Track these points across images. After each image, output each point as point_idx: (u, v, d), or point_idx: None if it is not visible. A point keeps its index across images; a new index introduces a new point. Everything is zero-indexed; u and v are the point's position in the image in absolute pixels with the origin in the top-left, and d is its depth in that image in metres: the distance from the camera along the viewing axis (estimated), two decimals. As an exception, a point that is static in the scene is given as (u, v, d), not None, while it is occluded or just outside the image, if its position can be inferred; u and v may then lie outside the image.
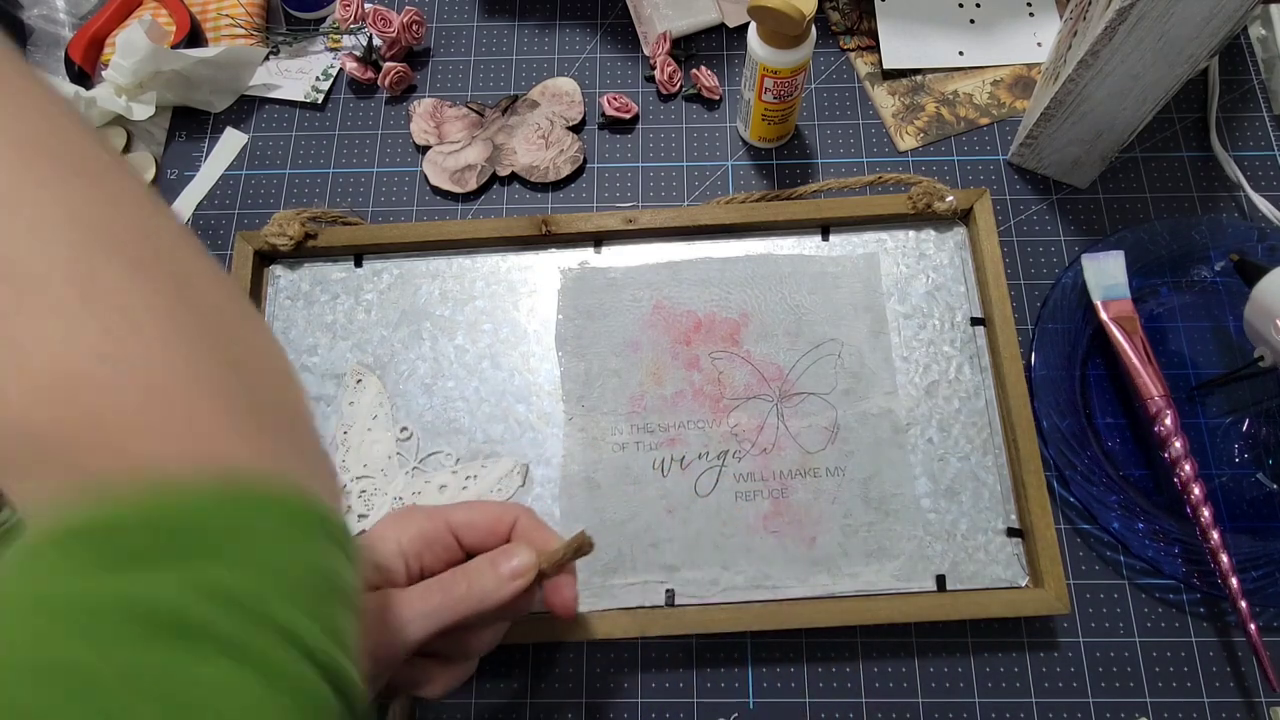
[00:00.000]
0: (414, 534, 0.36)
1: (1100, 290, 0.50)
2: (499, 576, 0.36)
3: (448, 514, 0.37)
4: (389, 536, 0.36)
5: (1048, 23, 0.63)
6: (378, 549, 0.36)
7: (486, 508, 0.38)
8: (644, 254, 0.54)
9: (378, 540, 0.36)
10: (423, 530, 0.37)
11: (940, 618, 0.45)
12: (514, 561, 0.36)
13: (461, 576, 0.36)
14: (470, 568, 0.36)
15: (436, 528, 0.37)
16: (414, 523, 0.37)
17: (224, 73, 0.61)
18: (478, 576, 0.36)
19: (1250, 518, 0.49)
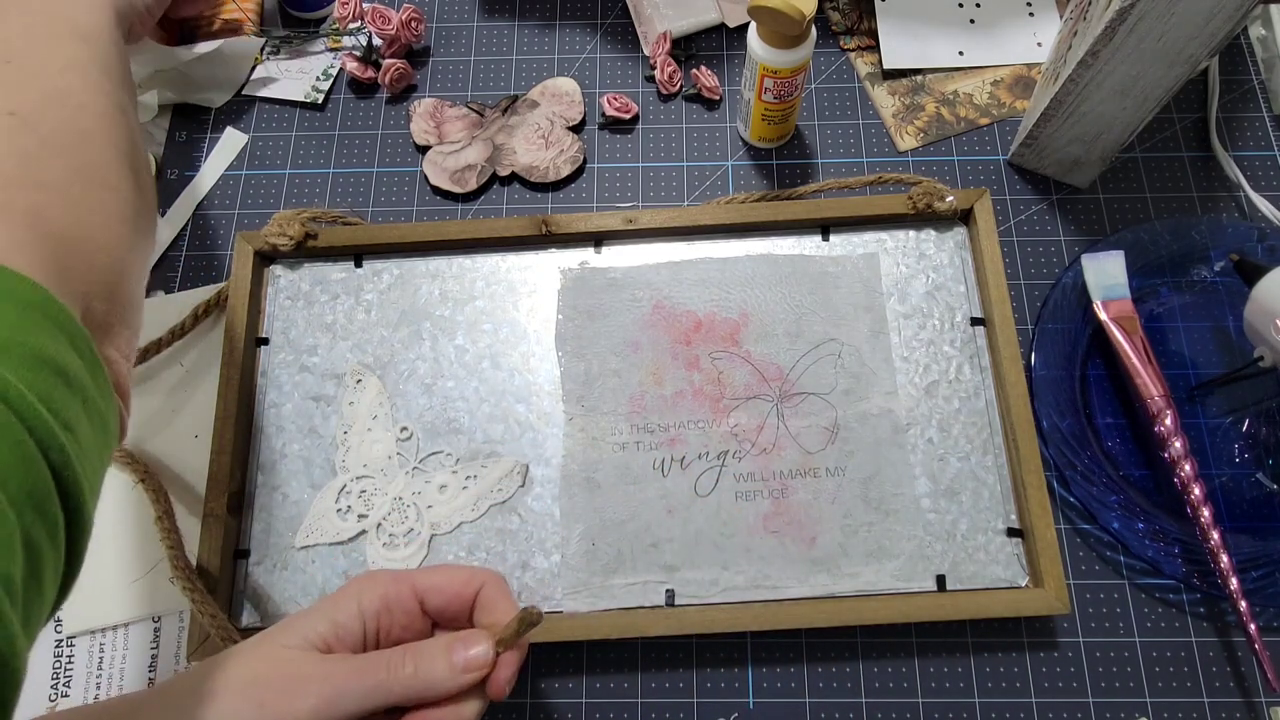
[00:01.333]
0: (377, 596, 0.36)
1: (1100, 290, 0.50)
2: (451, 666, 0.35)
3: (414, 578, 0.37)
4: (349, 596, 0.36)
5: (1048, 23, 0.63)
6: (337, 608, 0.36)
7: (454, 573, 0.37)
8: (644, 254, 0.54)
9: (339, 600, 0.36)
10: (385, 593, 0.36)
11: (940, 618, 0.45)
12: (471, 651, 0.35)
13: (411, 658, 0.35)
14: (422, 649, 0.35)
15: (400, 592, 0.36)
16: (378, 584, 0.36)
17: (222, 67, 0.61)
18: (428, 662, 0.35)
19: (1250, 518, 0.49)
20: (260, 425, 0.51)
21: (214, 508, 0.48)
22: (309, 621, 0.35)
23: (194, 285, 0.57)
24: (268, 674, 0.34)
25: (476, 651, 0.35)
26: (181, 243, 0.58)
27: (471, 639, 0.36)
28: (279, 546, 0.49)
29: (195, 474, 0.51)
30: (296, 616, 0.36)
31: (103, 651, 0.49)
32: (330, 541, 0.49)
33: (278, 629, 0.36)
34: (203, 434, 0.52)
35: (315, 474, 0.50)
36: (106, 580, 0.50)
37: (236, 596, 0.48)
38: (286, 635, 0.35)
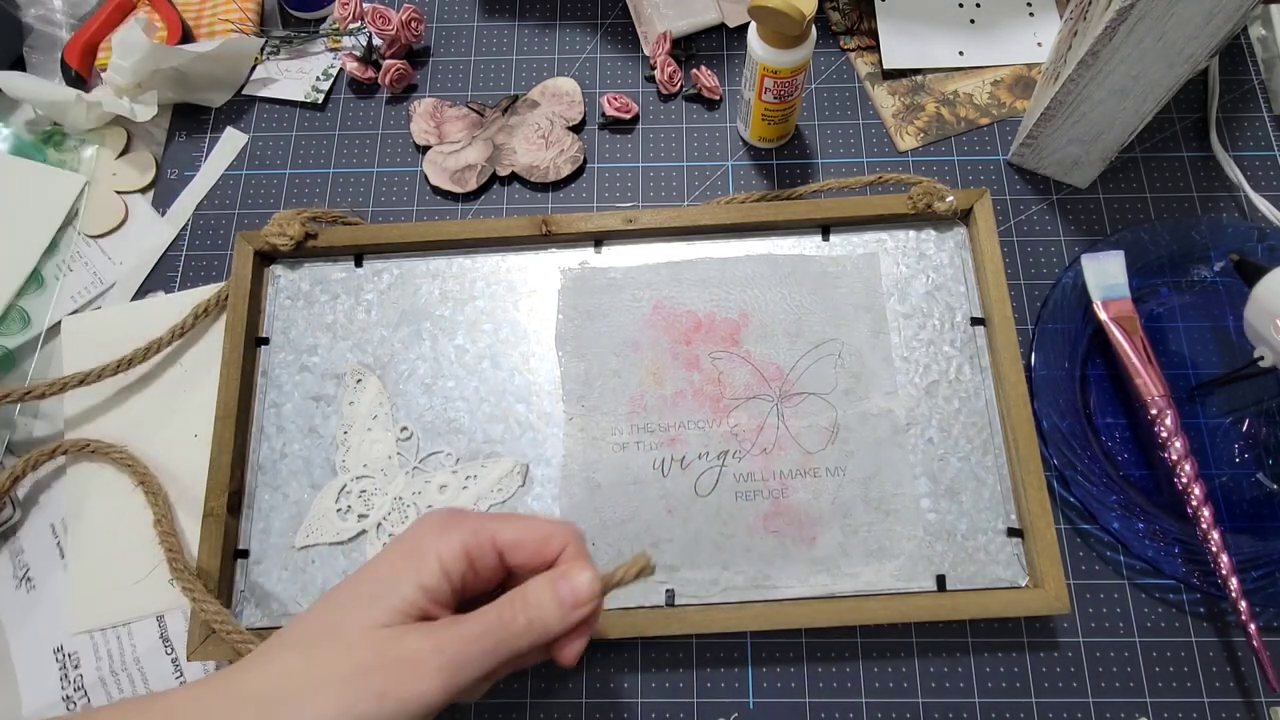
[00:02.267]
0: (458, 551, 0.33)
1: (1100, 290, 0.50)
2: (560, 605, 0.32)
3: (494, 531, 0.34)
4: (426, 555, 0.33)
5: (1048, 23, 0.63)
6: (420, 572, 0.32)
7: (536, 526, 0.34)
8: (644, 254, 0.54)
9: (415, 560, 0.33)
10: (466, 546, 0.33)
11: (940, 618, 0.45)
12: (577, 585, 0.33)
13: (520, 608, 0.32)
14: (528, 596, 0.32)
15: (481, 545, 0.33)
16: (457, 536, 0.33)
17: (222, 66, 0.61)
18: (537, 609, 0.32)
19: (1250, 518, 0.49)
20: (260, 425, 0.51)
21: (214, 508, 0.48)
22: (393, 591, 0.32)
23: (194, 285, 0.57)
24: (374, 660, 0.30)
25: (581, 586, 0.33)
26: (181, 243, 0.58)
27: (573, 573, 0.33)
28: (279, 546, 0.49)
29: (195, 474, 0.51)
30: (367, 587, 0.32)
31: (110, 653, 0.49)
32: (330, 541, 0.49)
33: (355, 607, 0.32)
34: (202, 434, 0.52)
35: (315, 474, 0.50)
36: (107, 580, 0.50)
37: (236, 596, 0.48)
38: (373, 613, 0.32)
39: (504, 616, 0.32)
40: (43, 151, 0.61)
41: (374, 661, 0.31)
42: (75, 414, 0.54)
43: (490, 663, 0.32)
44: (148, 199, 0.60)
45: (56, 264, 0.58)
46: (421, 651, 0.31)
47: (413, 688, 0.30)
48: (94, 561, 0.50)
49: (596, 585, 0.33)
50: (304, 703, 0.30)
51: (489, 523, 0.34)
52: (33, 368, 0.55)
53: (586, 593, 0.33)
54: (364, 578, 0.33)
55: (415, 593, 0.32)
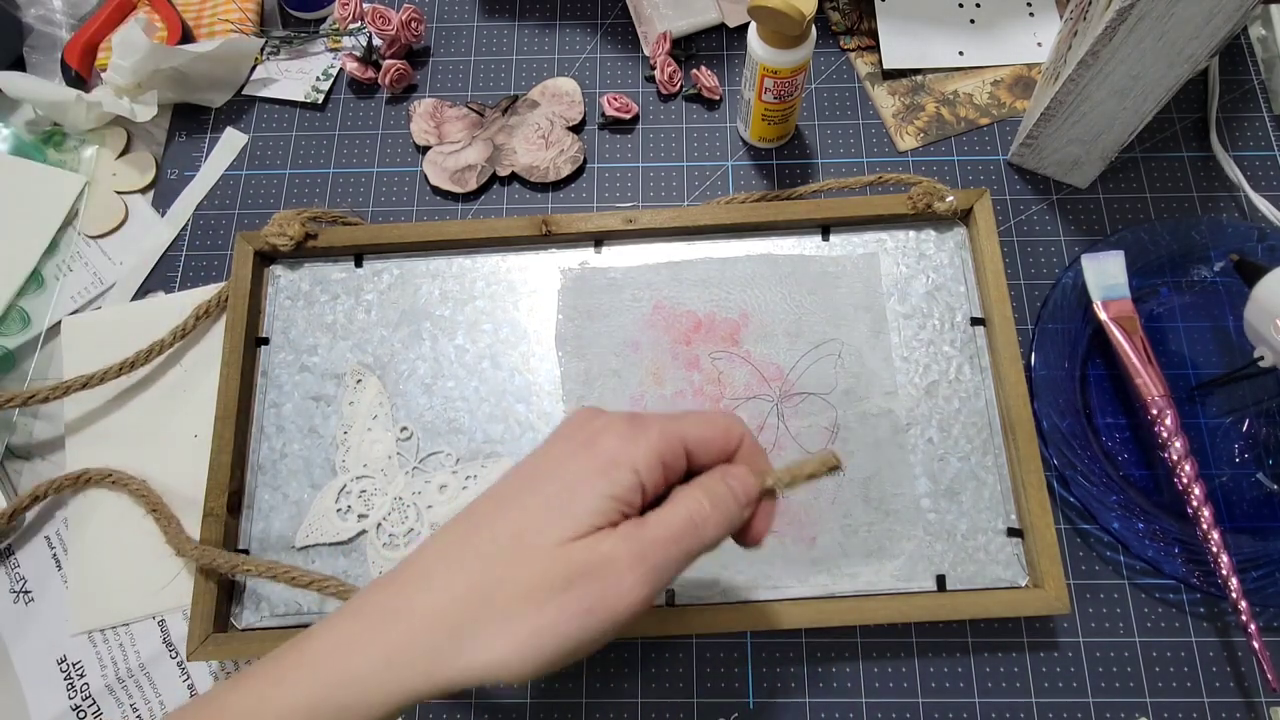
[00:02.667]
0: (654, 460, 0.31)
1: (1100, 290, 0.50)
2: (739, 504, 0.32)
3: (683, 432, 0.32)
4: (624, 463, 0.30)
5: (1048, 23, 0.63)
6: (613, 481, 0.30)
7: (715, 420, 0.33)
8: (644, 254, 0.54)
9: (606, 469, 0.30)
10: (660, 453, 0.31)
11: (940, 618, 0.45)
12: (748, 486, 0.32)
13: (709, 504, 0.31)
14: (712, 492, 0.31)
15: (674, 449, 0.32)
16: (649, 442, 0.31)
17: (222, 66, 0.61)
18: (724, 505, 0.31)
19: (1250, 518, 0.49)
20: (260, 425, 0.51)
21: (214, 508, 0.48)
22: (583, 502, 0.30)
23: (194, 285, 0.57)
24: (575, 574, 0.29)
25: (749, 480, 0.32)
26: (181, 243, 0.58)
27: (738, 471, 0.33)
28: (279, 546, 0.49)
29: (195, 474, 0.51)
30: (555, 497, 0.30)
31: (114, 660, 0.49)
32: (330, 541, 0.49)
33: (544, 519, 0.30)
34: (202, 434, 0.52)
35: (315, 474, 0.50)
36: (109, 581, 0.50)
37: (236, 596, 0.48)
38: (565, 525, 0.29)
39: (696, 517, 0.31)
40: (43, 151, 0.61)
41: (573, 576, 0.29)
42: (76, 415, 0.54)
43: (685, 563, 0.31)
44: (148, 199, 0.60)
45: (56, 264, 0.58)
46: (622, 561, 0.29)
47: (619, 600, 0.29)
48: (96, 564, 0.50)
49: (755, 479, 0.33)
50: (499, 626, 0.29)
51: (674, 424, 0.32)
52: (33, 368, 0.55)
53: (752, 487, 0.32)
54: (547, 483, 0.31)
55: (607, 504, 0.30)
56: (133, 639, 0.49)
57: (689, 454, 0.32)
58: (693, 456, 0.33)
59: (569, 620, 0.29)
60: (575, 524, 0.29)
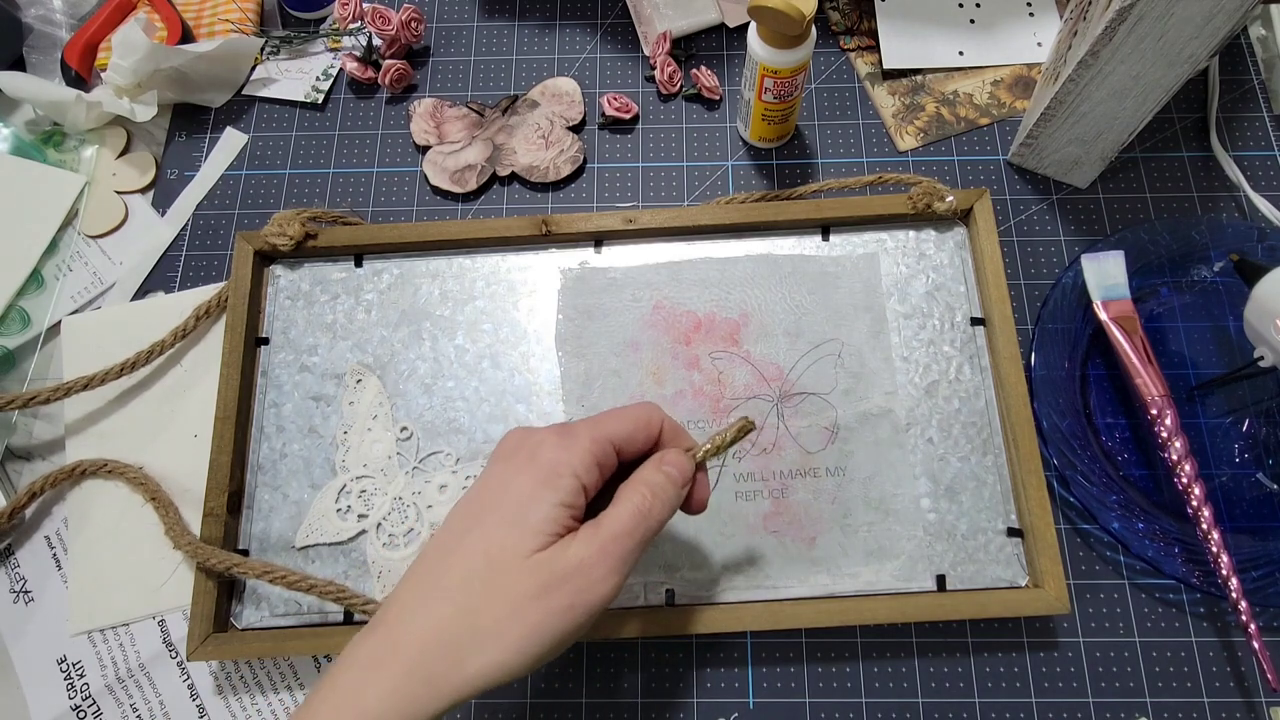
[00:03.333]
0: (589, 463, 0.35)
1: (1100, 290, 0.50)
2: (675, 486, 0.36)
3: (608, 434, 0.36)
4: (564, 470, 0.34)
5: (1048, 23, 0.63)
6: (557, 490, 0.34)
7: (633, 415, 0.37)
8: (644, 254, 0.54)
9: (550, 480, 0.34)
10: (593, 455, 0.35)
11: (940, 618, 0.45)
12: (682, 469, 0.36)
13: (650, 495, 0.35)
14: (649, 483, 0.35)
15: (605, 450, 0.36)
16: (581, 448, 0.35)
17: (222, 66, 0.61)
18: (663, 491, 0.35)
19: (1250, 518, 0.49)
20: (260, 425, 0.51)
21: (214, 508, 0.48)
22: (538, 514, 0.33)
23: (194, 285, 0.57)
24: (551, 580, 0.32)
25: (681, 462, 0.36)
26: (181, 243, 0.58)
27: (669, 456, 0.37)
28: (279, 546, 0.49)
29: (195, 474, 0.51)
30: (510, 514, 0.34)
31: (114, 660, 0.49)
32: (330, 541, 0.49)
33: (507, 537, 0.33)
34: (202, 434, 0.52)
35: (315, 474, 0.50)
36: (109, 581, 0.50)
37: (237, 595, 0.48)
38: (527, 540, 0.33)
39: (642, 507, 0.35)
40: (43, 151, 0.61)
41: (550, 581, 0.32)
42: (76, 416, 0.54)
43: (643, 548, 0.35)
44: (148, 199, 0.60)
45: (56, 264, 0.58)
46: (590, 558, 0.33)
47: (594, 593, 0.33)
48: (96, 563, 0.50)
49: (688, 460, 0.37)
50: (489, 640, 0.32)
51: (600, 427, 0.36)
52: (32, 368, 0.55)
53: (686, 467, 0.37)
54: (501, 503, 0.34)
55: (559, 511, 0.34)
56: (133, 639, 0.49)
57: (618, 450, 0.36)
58: (621, 451, 0.36)
59: (553, 618, 0.32)
60: (536, 536, 0.33)
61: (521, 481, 0.34)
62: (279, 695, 0.48)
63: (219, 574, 0.47)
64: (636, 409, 0.37)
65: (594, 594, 0.33)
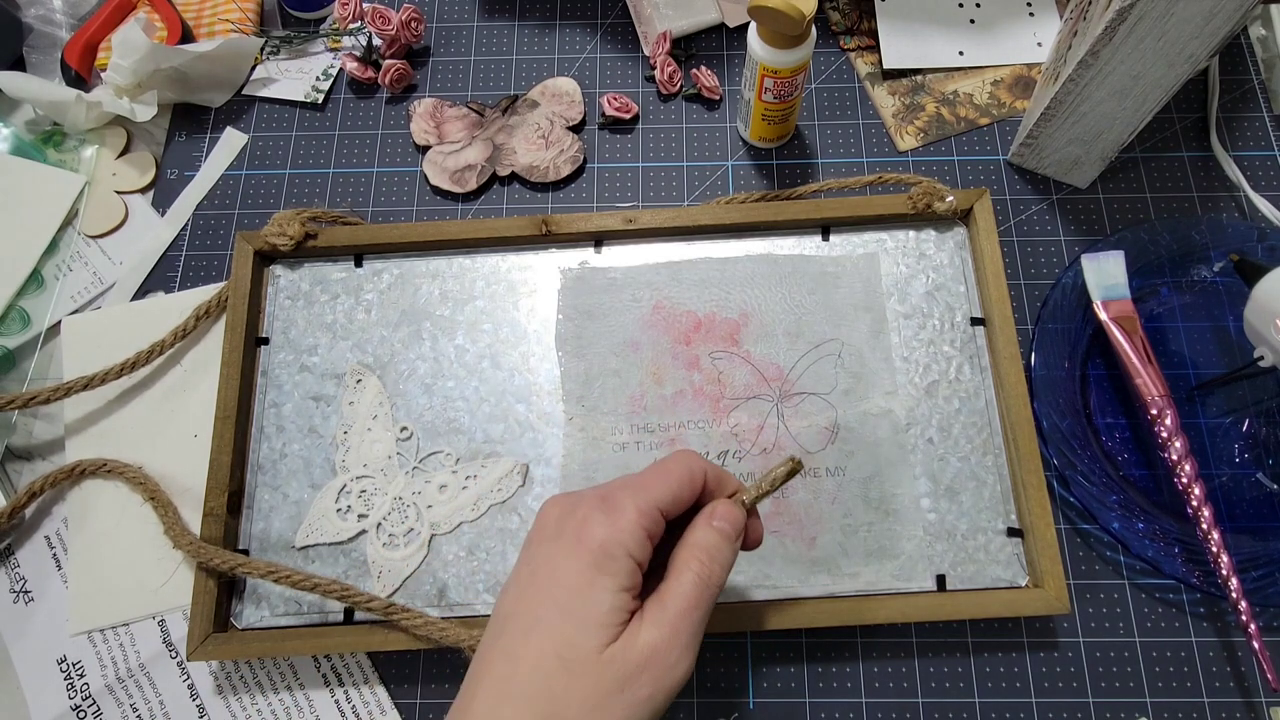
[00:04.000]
0: (639, 537, 0.33)
1: (1100, 290, 0.50)
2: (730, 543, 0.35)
3: (654, 498, 0.34)
4: (618, 553, 0.33)
5: (1048, 23, 0.63)
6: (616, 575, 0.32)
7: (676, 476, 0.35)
8: (644, 254, 0.54)
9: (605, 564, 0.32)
10: (644, 529, 0.33)
11: (940, 618, 0.45)
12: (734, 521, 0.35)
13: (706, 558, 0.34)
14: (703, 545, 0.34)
15: (655, 520, 0.34)
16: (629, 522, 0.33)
17: (222, 66, 0.61)
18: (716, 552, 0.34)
19: (1250, 518, 0.49)
20: (260, 425, 0.51)
21: (214, 508, 0.48)
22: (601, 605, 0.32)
23: (194, 285, 0.57)
24: (627, 672, 0.31)
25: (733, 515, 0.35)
26: (181, 243, 0.58)
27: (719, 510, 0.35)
28: (279, 546, 0.49)
29: (195, 474, 0.51)
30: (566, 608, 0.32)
31: (114, 660, 0.49)
32: (330, 541, 0.49)
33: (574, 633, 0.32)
34: (202, 434, 0.52)
35: (315, 474, 0.50)
36: (109, 582, 0.50)
37: (237, 595, 0.48)
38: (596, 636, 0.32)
39: (703, 575, 0.34)
40: (43, 151, 0.61)
41: (628, 674, 0.31)
42: (76, 416, 0.54)
43: (708, 615, 0.34)
44: (148, 199, 0.60)
45: (56, 264, 0.58)
46: (663, 643, 0.32)
47: (672, 677, 0.32)
48: (96, 564, 0.51)
49: (739, 510, 0.36)
50: None
51: (644, 494, 0.34)
52: (32, 368, 0.55)
53: (739, 519, 0.36)
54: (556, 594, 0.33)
55: (620, 599, 0.32)
56: (133, 639, 0.49)
57: (665, 514, 0.35)
58: (668, 513, 0.35)
59: (637, 709, 0.31)
60: (604, 630, 0.32)
61: (573, 568, 0.33)
62: (279, 695, 0.48)
63: (221, 574, 0.47)
64: (677, 466, 0.35)
65: (672, 678, 0.32)
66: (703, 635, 0.34)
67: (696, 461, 0.36)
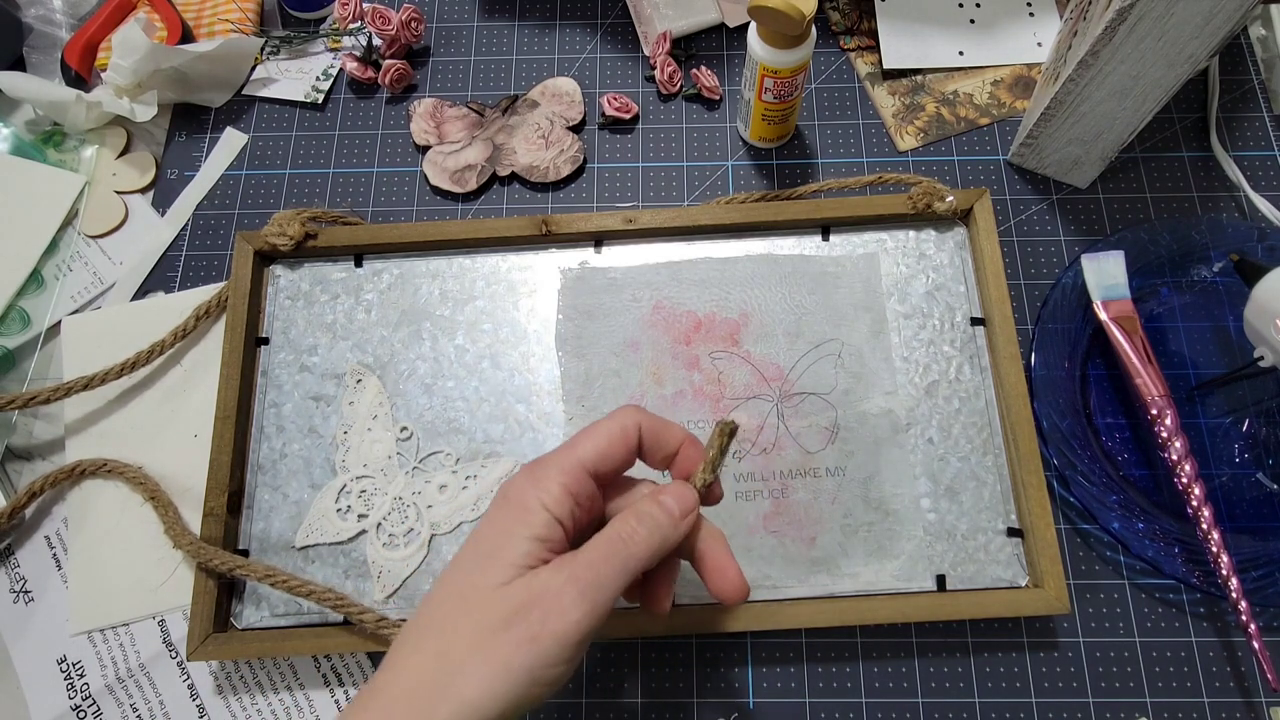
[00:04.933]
0: (558, 494, 0.33)
1: (1100, 290, 0.50)
2: (672, 519, 0.34)
3: (579, 458, 0.34)
4: (530, 508, 0.33)
5: (1048, 23, 0.63)
6: (529, 525, 0.33)
7: (604, 430, 0.35)
8: (644, 254, 0.54)
9: (520, 514, 0.33)
10: (565, 486, 0.33)
11: (940, 618, 0.45)
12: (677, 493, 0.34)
13: (635, 521, 0.33)
14: (639, 510, 0.34)
15: (576, 476, 0.34)
16: (551, 478, 0.33)
17: (222, 66, 0.61)
18: (649, 517, 0.33)
19: (1250, 518, 0.49)
20: (260, 425, 0.51)
21: (214, 508, 0.48)
22: (506, 548, 0.32)
23: (194, 285, 0.57)
24: (512, 611, 0.31)
25: (679, 493, 0.34)
26: (181, 243, 0.58)
27: (668, 489, 0.35)
28: (279, 546, 0.49)
29: (195, 473, 0.51)
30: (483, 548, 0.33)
31: (114, 660, 0.49)
32: (330, 541, 0.49)
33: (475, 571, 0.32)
34: (202, 434, 0.52)
35: (315, 474, 0.50)
36: (109, 582, 0.50)
37: (237, 595, 0.48)
38: (492, 573, 0.32)
39: (623, 533, 0.33)
40: (43, 151, 0.61)
41: (515, 610, 0.31)
42: (76, 416, 0.54)
43: (622, 579, 0.32)
44: (148, 199, 0.60)
45: (56, 264, 0.58)
46: (556, 585, 0.31)
47: (561, 620, 0.31)
48: (96, 564, 0.50)
49: (690, 490, 0.35)
50: (458, 680, 0.30)
51: (570, 454, 0.34)
52: (32, 368, 0.55)
53: (687, 498, 0.34)
54: (476, 542, 0.34)
55: (532, 545, 0.32)
56: (133, 639, 0.49)
57: (595, 473, 0.34)
58: (598, 471, 0.34)
59: (520, 651, 0.30)
60: (505, 569, 0.32)
61: (495, 519, 0.34)
62: (279, 695, 0.48)
63: (220, 574, 0.47)
64: (609, 423, 0.35)
65: (560, 622, 0.31)
66: (610, 595, 0.32)
67: (631, 417, 0.35)
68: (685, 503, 0.35)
